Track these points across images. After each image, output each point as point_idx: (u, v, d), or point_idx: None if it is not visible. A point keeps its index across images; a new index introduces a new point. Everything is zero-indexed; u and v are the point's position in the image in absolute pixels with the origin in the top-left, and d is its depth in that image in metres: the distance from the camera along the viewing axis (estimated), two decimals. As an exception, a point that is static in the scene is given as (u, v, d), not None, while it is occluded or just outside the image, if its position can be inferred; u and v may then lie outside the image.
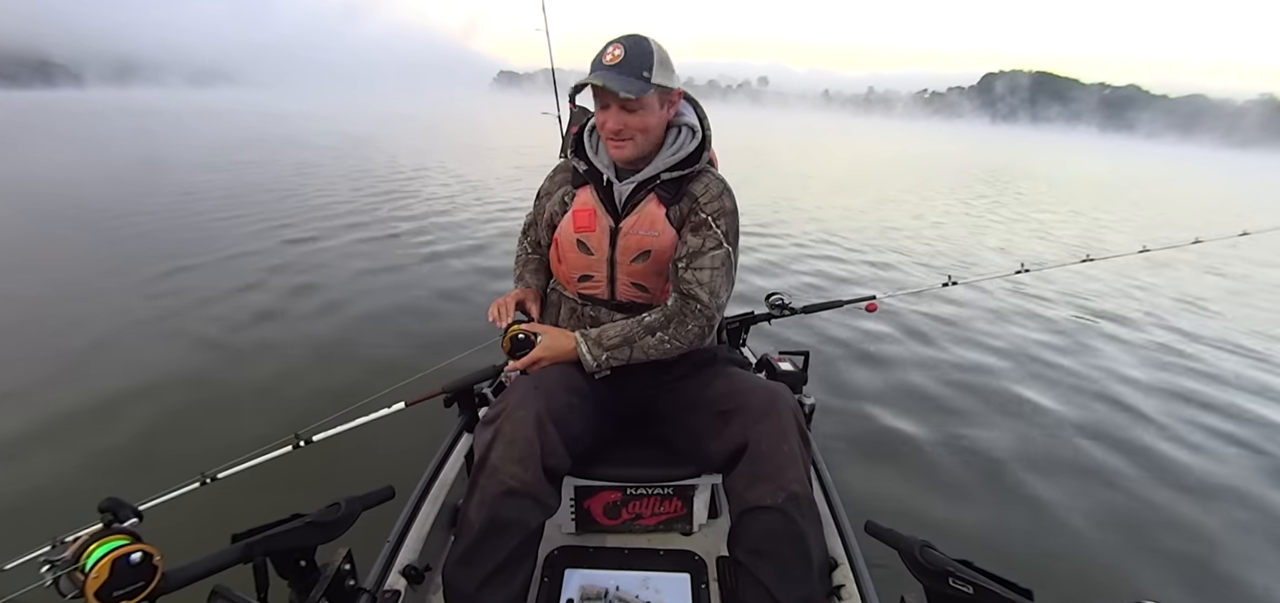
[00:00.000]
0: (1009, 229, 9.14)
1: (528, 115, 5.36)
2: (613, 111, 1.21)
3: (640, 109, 1.21)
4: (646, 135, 1.24)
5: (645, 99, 1.19)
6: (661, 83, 1.20)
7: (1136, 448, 2.91)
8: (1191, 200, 16.76)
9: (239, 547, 0.85)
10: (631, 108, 1.20)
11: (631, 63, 1.18)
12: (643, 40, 1.20)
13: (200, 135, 16.88)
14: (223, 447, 1.46)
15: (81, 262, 4.91)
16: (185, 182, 8.85)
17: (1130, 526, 2.36)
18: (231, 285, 4.39)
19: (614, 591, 1.30)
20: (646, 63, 1.18)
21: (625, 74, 1.18)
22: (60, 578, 0.71)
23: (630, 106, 1.20)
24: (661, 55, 1.21)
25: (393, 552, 1.21)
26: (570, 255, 1.35)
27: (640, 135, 1.24)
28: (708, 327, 1.28)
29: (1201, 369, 3.96)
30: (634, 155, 1.26)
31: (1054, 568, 2.11)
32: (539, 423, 1.12)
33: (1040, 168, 23.62)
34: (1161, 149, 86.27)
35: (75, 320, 3.69)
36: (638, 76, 1.18)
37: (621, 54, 1.19)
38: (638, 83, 1.18)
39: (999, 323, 4.54)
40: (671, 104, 1.27)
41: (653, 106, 1.22)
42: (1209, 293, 5.97)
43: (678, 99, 1.28)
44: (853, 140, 34.74)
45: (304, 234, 6.01)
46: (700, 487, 1.48)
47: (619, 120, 1.22)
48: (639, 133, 1.23)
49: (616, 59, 1.18)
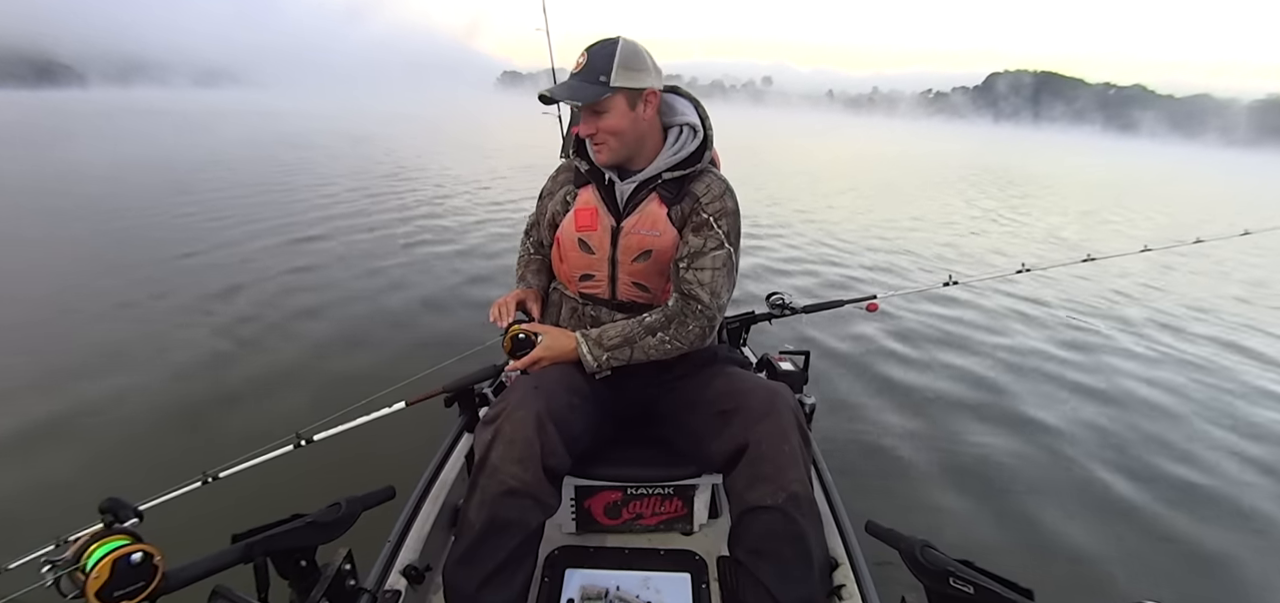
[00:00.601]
0: (1010, 228, 9.14)
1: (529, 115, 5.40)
2: (585, 117, 1.23)
3: (606, 112, 1.21)
4: (620, 138, 1.23)
5: (608, 102, 1.20)
6: (624, 85, 1.19)
7: (1138, 449, 2.90)
8: (1196, 200, 16.73)
9: (239, 547, 0.85)
10: (598, 110, 1.20)
11: (592, 68, 1.19)
12: (609, 44, 1.21)
13: (207, 135, 16.91)
14: (223, 446, 1.46)
15: (81, 260, 4.91)
16: (185, 180, 8.85)
17: (1131, 526, 2.36)
18: (232, 286, 4.39)
19: (614, 591, 1.30)
20: (606, 67, 1.18)
21: (584, 80, 1.19)
22: (61, 578, 0.71)
23: (596, 109, 1.20)
24: (627, 57, 1.20)
25: (393, 552, 1.21)
26: (572, 255, 1.35)
27: (613, 139, 1.23)
28: (709, 327, 1.27)
29: (1203, 369, 3.96)
30: (611, 159, 1.26)
31: (1055, 568, 2.11)
32: (539, 423, 1.12)
33: (1043, 168, 23.58)
34: (1168, 149, 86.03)
35: (71, 320, 3.69)
36: (594, 82, 1.19)
37: (585, 62, 1.21)
38: (592, 89, 1.18)
39: (1000, 323, 4.54)
40: (647, 104, 1.23)
41: (619, 108, 1.21)
42: (1212, 293, 5.96)
43: (654, 98, 1.24)
44: (849, 141, 34.70)
45: (304, 234, 6.02)
46: (701, 487, 1.48)
47: (590, 125, 1.23)
48: (610, 136, 1.23)
49: (580, 67, 1.21)
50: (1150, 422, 3.17)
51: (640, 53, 1.22)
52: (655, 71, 1.25)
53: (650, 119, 1.26)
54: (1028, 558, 2.15)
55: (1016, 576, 0.83)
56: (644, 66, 1.22)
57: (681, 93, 1.34)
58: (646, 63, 1.22)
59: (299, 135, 17.35)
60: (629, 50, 1.21)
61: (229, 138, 16.19)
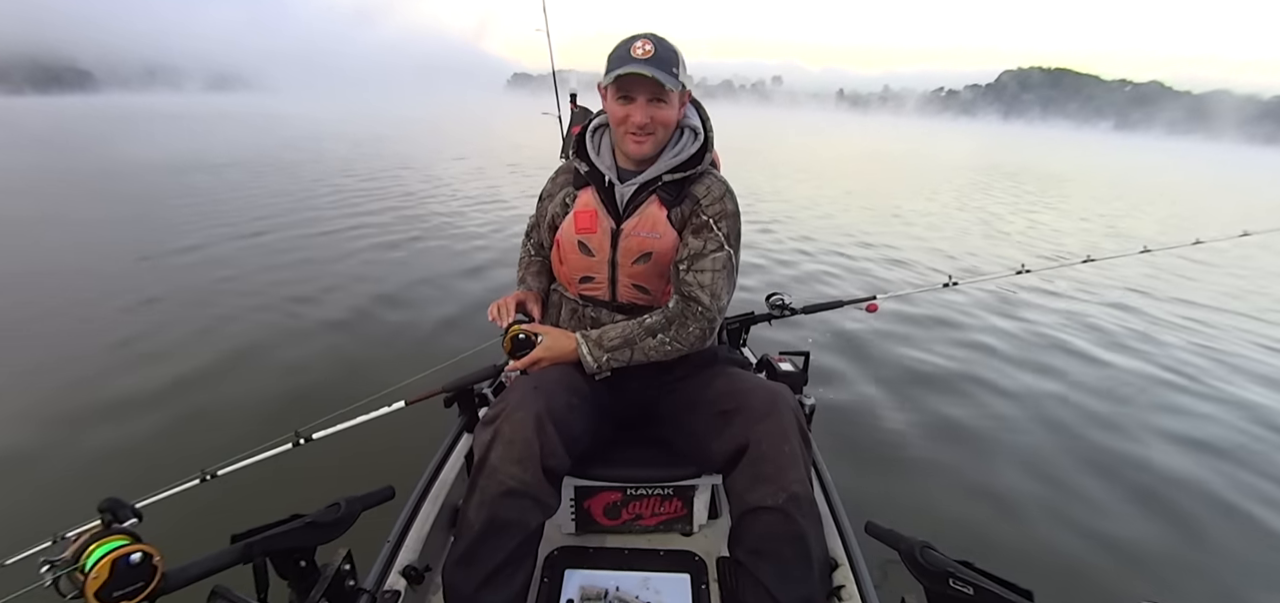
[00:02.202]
0: (1014, 228, 9.13)
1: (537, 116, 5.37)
2: (639, 105, 1.21)
3: (668, 104, 1.23)
4: (669, 131, 1.27)
5: (673, 95, 1.22)
6: (685, 81, 1.24)
7: (1140, 449, 2.90)
8: (1211, 196, 16.67)
9: (238, 547, 0.85)
10: (663, 100, 1.22)
11: (663, 58, 1.19)
12: (665, 41, 1.22)
13: (212, 138, 16.96)
14: (222, 444, 1.46)
15: (79, 272, 4.92)
16: (193, 182, 8.86)
17: (1132, 526, 2.35)
18: (232, 286, 4.40)
19: (614, 591, 1.30)
20: (676, 60, 1.21)
21: (659, 68, 1.18)
22: (60, 578, 0.71)
23: (662, 98, 1.21)
24: (682, 56, 1.24)
25: (392, 552, 1.21)
26: (571, 257, 1.35)
27: (662, 130, 1.25)
28: (709, 329, 1.28)
29: (1206, 370, 3.96)
30: (654, 151, 1.28)
31: (1055, 569, 2.11)
32: (538, 423, 1.12)
33: (1054, 166, 23.32)
34: (1186, 145, 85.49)
35: (66, 321, 3.70)
36: (669, 71, 1.19)
37: (653, 49, 1.19)
38: (671, 77, 1.19)
39: (1000, 323, 4.54)
40: (685, 104, 1.29)
41: (676, 103, 1.25)
42: (1216, 292, 5.96)
43: (687, 100, 1.30)
44: (852, 139, 34.68)
45: (306, 233, 6.02)
46: (700, 487, 1.48)
47: (646, 113, 1.22)
48: (661, 127, 1.24)
49: (649, 53, 1.19)
50: (1154, 422, 3.17)
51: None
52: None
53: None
54: (1028, 559, 2.15)
55: (1016, 577, 0.83)
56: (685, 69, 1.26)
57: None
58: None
59: (300, 139, 17.37)
60: (680, 50, 1.25)
61: (238, 140, 16.29)
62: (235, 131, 18.50)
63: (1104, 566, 2.14)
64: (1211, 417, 3.29)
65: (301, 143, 15.52)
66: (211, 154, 12.54)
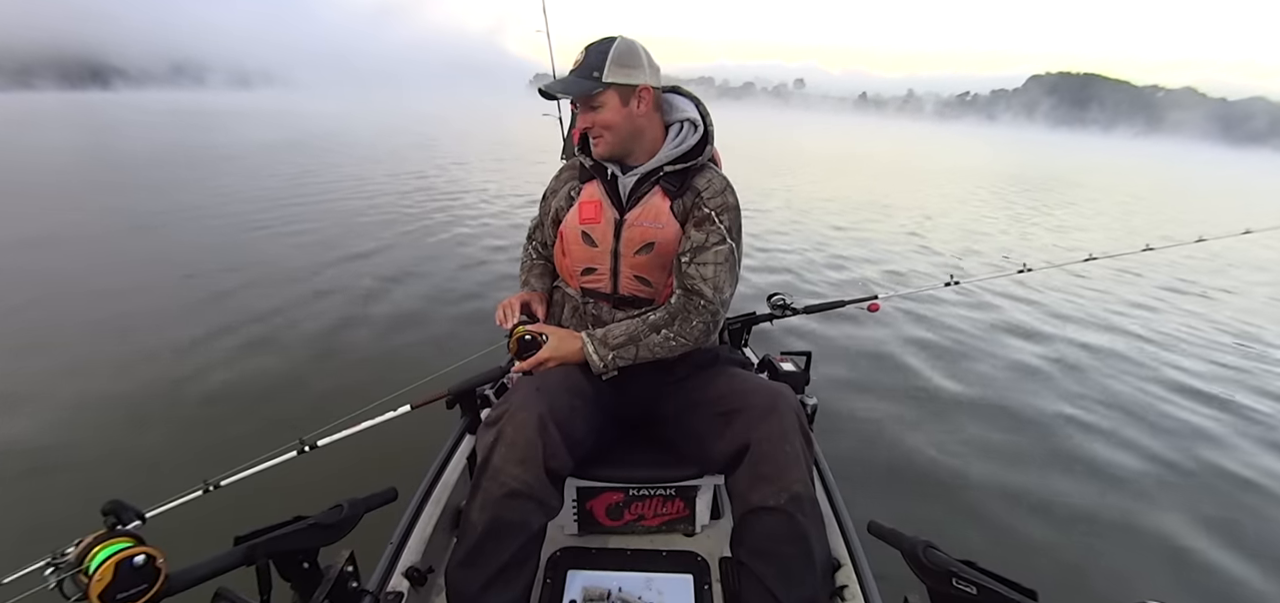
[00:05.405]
0: (1014, 230, 9.12)
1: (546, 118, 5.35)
2: (581, 111, 1.29)
3: (600, 107, 1.25)
4: (613, 132, 1.27)
5: (601, 97, 1.25)
6: (616, 81, 1.23)
7: (1142, 450, 2.89)
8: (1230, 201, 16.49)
9: (242, 549, 0.85)
10: (593, 105, 1.26)
11: (587, 64, 1.24)
12: (605, 42, 1.26)
13: (222, 134, 16.99)
14: (227, 453, 1.46)
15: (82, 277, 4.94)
16: (200, 182, 8.88)
17: (1135, 527, 2.35)
18: (231, 285, 4.40)
19: (617, 592, 1.30)
20: (599, 63, 1.23)
21: (579, 76, 1.24)
22: (64, 580, 0.71)
23: (591, 104, 1.26)
24: (621, 54, 1.24)
25: (395, 554, 1.21)
26: (574, 248, 1.35)
27: (607, 132, 1.27)
28: (712, 323, 1.28)
29: (1208, 371, 3.94)
30: (608, 151, 1.30)
31: (1059, 569, 2.10)
32: (541, 425, 1.12)
33: (1086, 177, 22.47)
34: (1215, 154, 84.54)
35: (65, 330, 3.71)
36: (588, 77, 1.24)
37: (582, 58, 1.26)
38: (585, 83, 1.24)
39: (1001, 323, 4.53)
40: (641, 100, 1.27)
41: (612, 103, 1.25)
42: (1220, 293, 5.94)
43: (648, 95, 1.27)
44: (864, 143, 34.58)
45: (310, 237, 6.02)
46: (702, 488, 1.48)
47: (586, 119, 1.28)
48: (604, 129, 1.27)
49: (578, 64, 1.26)
50: (1155, 422, 3.16)
51: (635, 50, 1.26)
52: (651, 69, 1.28)
53: (645, 115, 1.28)
54: (1031, 559, 2.14)
55: (1020, 576, 0.83)
56: (638, 64, 1.26)
57: (682, 92, 1.37)
58: (641, 60, 1.26)
59: (319, 136, 17.40)
60: (623, 48, 1.25)
61: (252, 139, 16.37)
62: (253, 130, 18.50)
63: (1109, 566, 2.13)
64: (1218, 417, 3.28)
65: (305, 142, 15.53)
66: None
